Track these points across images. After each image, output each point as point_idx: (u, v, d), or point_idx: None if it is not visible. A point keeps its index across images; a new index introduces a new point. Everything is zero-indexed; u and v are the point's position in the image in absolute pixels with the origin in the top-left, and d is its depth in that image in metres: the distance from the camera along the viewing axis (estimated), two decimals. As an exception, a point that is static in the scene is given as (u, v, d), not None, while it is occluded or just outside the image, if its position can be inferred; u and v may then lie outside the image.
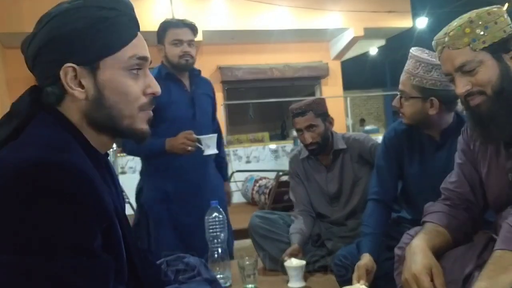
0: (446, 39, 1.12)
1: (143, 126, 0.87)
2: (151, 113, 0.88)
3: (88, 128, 0.83)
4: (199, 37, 7.58)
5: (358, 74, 12.72)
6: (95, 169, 0.77)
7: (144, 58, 0.85)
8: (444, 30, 1.15)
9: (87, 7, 0.80)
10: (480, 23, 1.09)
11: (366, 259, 1.60)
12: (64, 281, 0.66)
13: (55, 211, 0.67)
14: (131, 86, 0.83)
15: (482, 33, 1.08)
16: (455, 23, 1.13)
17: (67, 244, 0.68)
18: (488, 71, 1.09)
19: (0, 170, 0.69)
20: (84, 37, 0.78)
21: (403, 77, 1.61)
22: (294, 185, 2.33)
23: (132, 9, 0.86)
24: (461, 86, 1.11)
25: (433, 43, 1.18)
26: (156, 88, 0.87)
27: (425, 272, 1.08)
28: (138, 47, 0.85)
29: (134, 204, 3.08)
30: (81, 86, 0.80)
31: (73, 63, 0.78)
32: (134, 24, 0.86)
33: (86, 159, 0.77)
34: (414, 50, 1.61)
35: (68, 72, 0.79)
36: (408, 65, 1.60)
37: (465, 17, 1.12)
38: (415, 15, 8.85)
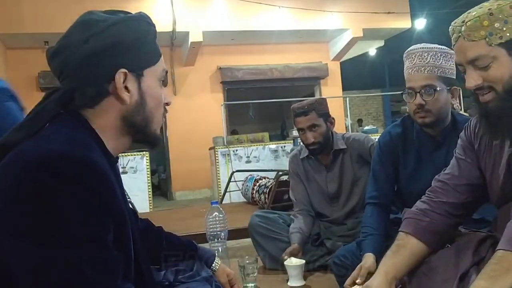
0: (463, 28, 1.06)
1: (159, 133, 0.97)
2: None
3: (119, 130, 0.89)
4: (199, 37, 7.62)
5: (357, 74, 12.74)
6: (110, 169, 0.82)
7: (167, 73, 0.96)
8: (462, 17, 1.08)
9: (137, 20, 0.89)
10: (500, 16, 1.02)
11: (370, 262, 1.55)
12: (76, 270, 0.69)
13: (74, 203, 0.71)
14: (161, 95, 0.94)
15: (500, 27, 1.02)
16: (474, 12, 1.06)
17: (83, 235, 0.71)
18: (501, 68, 1.03)
19: (23, 160, 0.72)
20: (138, 46, 0.88)
21: (423, 72, 1.56)
22: (294, 184, 2.34)
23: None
24: (472, 80, 1.06)
25: (450, 28, 1.12)
26: (171, 98, 0.98)
27: None
28: (164, 62, 0.96)
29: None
30: (127, 90, 0.87)
31: (125, 69, 0.86)
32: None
33: (104, 158, 0.81)
34: (424, 44, 1.59)
35: (121, 76, 0.85)
36: (425, 59, 1.56)
37: (485, 6, 1.05)
38: (413, 16, 8.88)
